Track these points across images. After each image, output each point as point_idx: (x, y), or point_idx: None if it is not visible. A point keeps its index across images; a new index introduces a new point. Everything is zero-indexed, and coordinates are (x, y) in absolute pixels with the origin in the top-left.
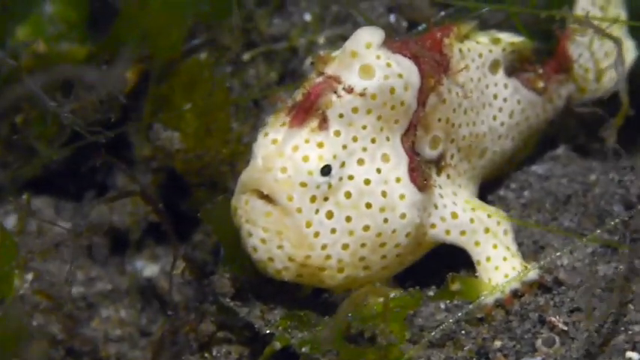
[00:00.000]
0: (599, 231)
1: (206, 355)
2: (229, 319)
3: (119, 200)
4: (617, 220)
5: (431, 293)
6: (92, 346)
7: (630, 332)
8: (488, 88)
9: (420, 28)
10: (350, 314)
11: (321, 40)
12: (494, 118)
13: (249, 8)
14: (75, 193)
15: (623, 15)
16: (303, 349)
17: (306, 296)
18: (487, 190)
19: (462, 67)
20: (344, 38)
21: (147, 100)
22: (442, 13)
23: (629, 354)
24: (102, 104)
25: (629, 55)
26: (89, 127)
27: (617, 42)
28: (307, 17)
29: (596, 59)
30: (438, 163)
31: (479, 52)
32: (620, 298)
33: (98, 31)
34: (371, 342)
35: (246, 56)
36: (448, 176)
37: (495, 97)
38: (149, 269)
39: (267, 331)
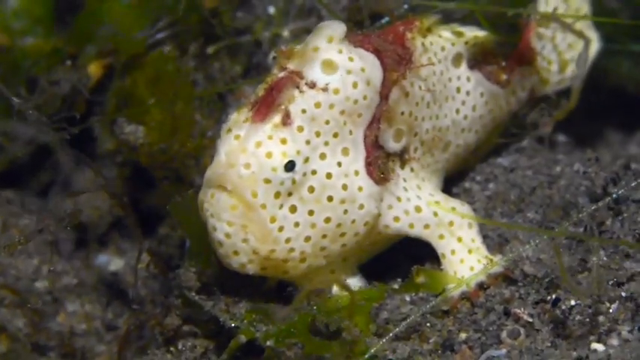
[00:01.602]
0: (565, 223)
1: (172, 349)
2: (195, 313)
3: (84, 194)
4: (584, 213)
5: (396, 286)
6: (58, 340)
7: (595, 323)
8: (451, 81)
9: (382, 21)
10: (315, 307)
11: (285, 33)
12: (457, 111)
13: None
14: (40, 188)
15: (585, 8)
16: (268, 343)
17: (271, 289)
18: (452, 182)
19: (424, 60)
20: (308, 31)
21: (111, 95)
22: (405, 6)
23: (594, 345)
24: (66, 99)
25: (593, 47)
26: (53, 122)
27: (586, 40)
28: (271, 10)
29: (559, 51)
30: (402, 157)
31: (441, 45)
32: (595, 289)
33: (63, 25)
34: (336, 335)
35: (210, 50)
36: (412, 169)
37: (458, 90)
38: (115, 263)
39: (233, 325)
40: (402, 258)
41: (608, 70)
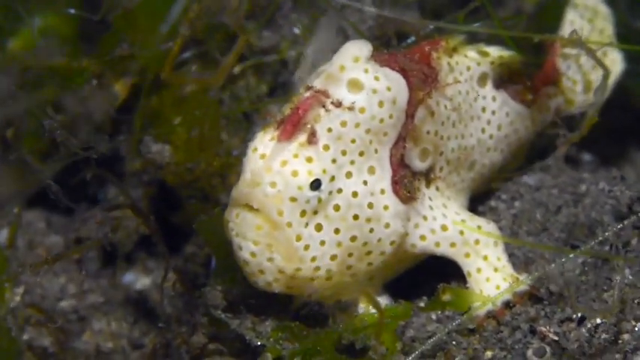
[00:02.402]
0: (591, 242)
1: None
2: (221, 331)
3: (111, 213)
4: (609, 232)
5: (422, 304)
6: (84, 359)
7: (621, 342)
8: (477, 101)
9: (408, 40)
10: (341, 325)
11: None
12: (483, 130)
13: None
14: (66, 207)
15: (609, 28)
16: None
17: (298, 307)
18: (478, 200)
19: (450, 80)
20: (333, 51)
21: (137, 114)
22: (431, 27)
23: None
24: (92, 119)
25: (616, 67)
26: (81, 141)
27: (605, 71)
28: (297, 30)
29: (584, 72)
30: (428, 176)
31: (467, 65)
32: (618, 307)
33: (90, 45)
34: (362, 353)
35: (236, 69)
36: (437, 188)
37: (484, 110)
38: (141, 282)
39: (259, 343)
40: (427, 276)
41: (632, 90)
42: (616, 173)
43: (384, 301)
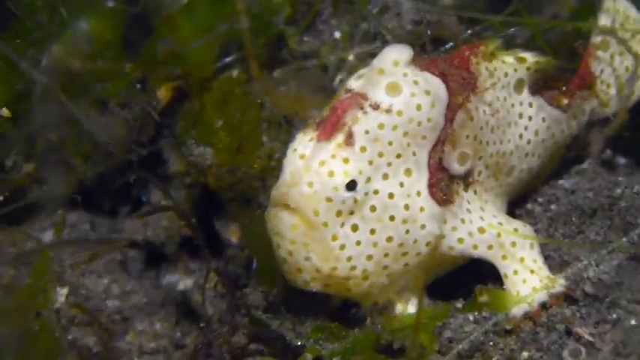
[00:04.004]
0: (625, 239)
1: None
2: (261, 332)
3: (154, 215)
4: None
5: (459, 305)
6: (127, 358)
7: None
8: (514, 107)
9: (447, 46)
10: (379, 325)
11: (351, 57)
12: (521, 136)
13: (280, 27)
14: (110, 209)
15: None
16: None
17: (337, 308)
18: (515, 203)
19: (488, 85)
20: (373, 56)
21: (180, 117)
22: (469, 32)
23: None
24: (136, 122)
25: None
26: (123, 144)
27: (637, 57)
28: (337, 35)
29: (617, 74)
30: (466, 180)
31: (505, 71)
32: None
33: (133, 49)
34: (400, 354)
35: (277, 73)
36: (475, 192)
37: (521, 115)
38: (183, 283)
39: (299, 343)
40: (465, 278)
41: None
42: None
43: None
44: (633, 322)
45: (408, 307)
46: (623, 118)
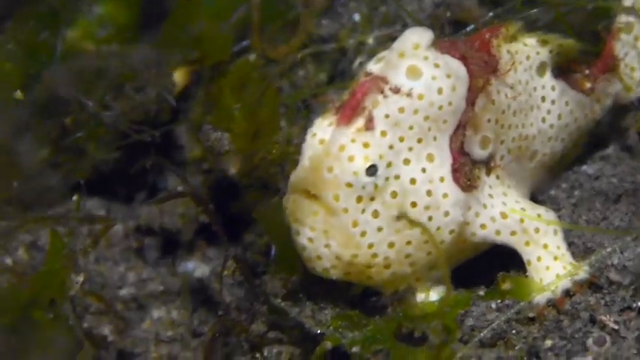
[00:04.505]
0: None
1: (257, 355)
2: (280, 320)
3: (170, 201)
4: None
5: (481, 293)
6: (144, 347)
7: None
8: (536, 90)
9: (468, 28)
10: (400, 313)
11: (370, 40)
12: (543, 120)
13: (298, 11)
14: (126, 195)
15: None
16: (354, 349)
17: (357, 296)
18: (538, 189)
19: (509, 67)
20: (393, 39)
21: (196, 102)
22: (490, 14)
23: None
24: (152, 106)
25: None
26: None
27: None
28: (356, 18)
29: None
30: (488, 164)
31: (526, 54)
32: None
33: (149, 32)
34: (421, 342)
35: (296, 57)
36: (498, 177)
37: (543, 99)
38: (200, 270)
39: (318, 331)
40: (487, 265)
41: None
42: None
43: (442, 290)
44: None
45: (430, 295)
46: None
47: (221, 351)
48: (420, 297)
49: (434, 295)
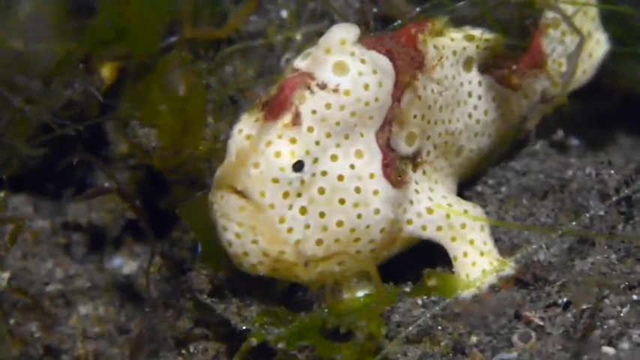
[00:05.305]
0: (574, 223)
1: (183, 351)
2: (206, 316)
3: (98, 198)
4: (591, 212)
5: (407, 289)
6: (71, 343)
7: (606, 327)
8: (463, 85)
9: (395, 24)
10: (326, 309)
11: (298, 36)
12: (470, 115)
13: (225, 5)
14: (54, 192)
15: (593, 10)
16: (279, 345)
17: (283, 292)
18: (465, 185)
19: (435, 62)
20: (320, 35)
21: (123, 98)
22: (417, 9)
23: (605, 349)
24: (79, 102)
25: (600, 49)
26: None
27: (581, 36)
28: (284, 14)
29: (569, 53)
30: (414, 160)
31: (453, 49)
32: (597, 292)
33: (77, 29)
34: (347, 338)
35: (223, 53)
36: (424, 172)
37: (470, 94)
38: (128, 266)
39: (244, 328)
40: (413, 261)
41: (619, 74)
42: (603, 158)
43: (368, 286)
44: (584, 305)
45: (356, 292)
46: (564, 97)
47: (147, 347)
48: (347, 293)
49: (360, 291)
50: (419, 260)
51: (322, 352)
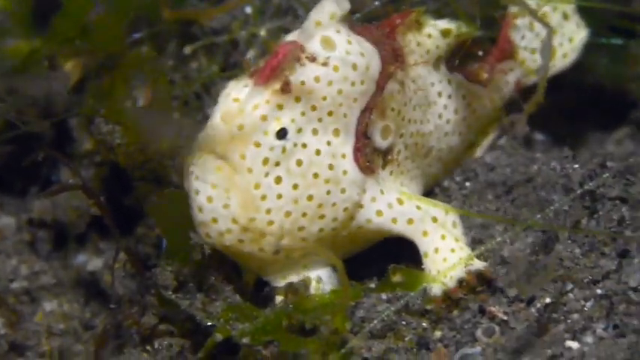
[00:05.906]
0: (539, 216)
1: (148, 347)
2: (171, 312)
3: (63, 194)
4: (555, 206)
5: (372, 285)
6: (35, 339)
7: (570, 321)
8: (433, 85)
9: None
10: (291, 305)
11: (262, 32)
12: (440, 116)
13: (190, 1)
14: (19, 188)
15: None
16: (244, 340)
17: (249, 284)
18: (434, 183)
19: (411, 60)
20: (285, 30)
21: (88, 94)
22: (376, 3)
23: (569, 343)
24: (44, 99)
25: (581, 31)
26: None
27: (548, 28)
28: (248, 10)
29: (541, 39)
30: (385, 156)
31: (427, 48)
32: (568, 287)
33: (42, 25)
34: (312, 333)
35: (187, 50)
36: (391, 173)
37: (440, 94)
38: (93, 263)
39: (209, 323)
40: (379, 256)
41: (586, 67)
42: (568, 152)
43: (333, 281)
44: (547, 300)
45: (321, 287)
46: (541, 94)
47: (112, 343)
48: (312, 289)
49: (326, 286)
50: (385, 256)
51: (287, 347)
